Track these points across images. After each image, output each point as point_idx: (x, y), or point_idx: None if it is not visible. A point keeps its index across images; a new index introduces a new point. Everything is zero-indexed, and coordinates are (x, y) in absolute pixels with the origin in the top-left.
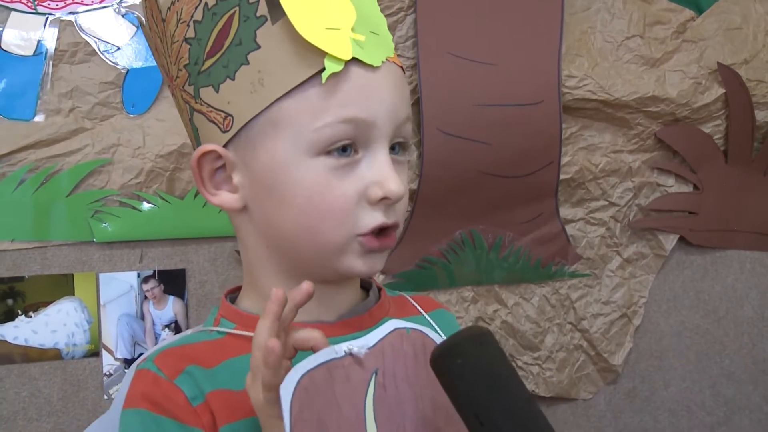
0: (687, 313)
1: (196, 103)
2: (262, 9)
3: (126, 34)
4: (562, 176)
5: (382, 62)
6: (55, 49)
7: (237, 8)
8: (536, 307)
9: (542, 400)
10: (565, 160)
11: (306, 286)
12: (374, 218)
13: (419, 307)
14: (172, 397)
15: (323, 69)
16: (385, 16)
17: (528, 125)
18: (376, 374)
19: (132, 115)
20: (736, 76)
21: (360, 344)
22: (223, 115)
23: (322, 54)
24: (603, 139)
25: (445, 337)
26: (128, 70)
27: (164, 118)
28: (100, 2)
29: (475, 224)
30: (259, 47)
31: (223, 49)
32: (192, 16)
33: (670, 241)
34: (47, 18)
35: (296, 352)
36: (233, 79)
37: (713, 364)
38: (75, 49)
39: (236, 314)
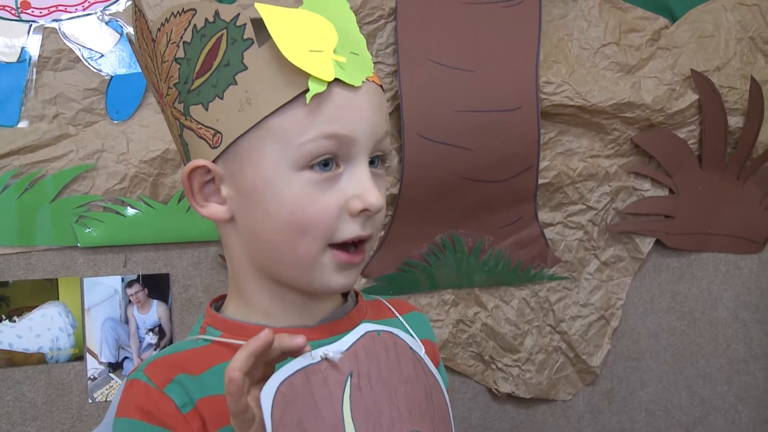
0: (663, 315)
1: (186, 120)
2: (249, 32)
3: (110, 41)
4: (540, 181)
5: (363, 82)
6: (39, 55)
7: (225, 31)
8: (516, 309)
9: (522, 402)
10: (543, 164)
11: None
12: (352, 230)
13: (394, 310)
14: (163, 406)
15: (307, 89)
16: (366, 23)
17: (507, 131)
18: (351, 376)
19: (116, 122)
20: (708, 83)
21: (335, 349)
22: (212, 132)
23: (306, 75)
24: (580, 144)
25: (417, 338)
26: (112, 76)
27: (148, 124)
28: (84, 10)
29: (455, 228)
30: (246, 68)
31: (211, 70)
32: (181, 37)
33: (646, 244)
34: (31, 25)
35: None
36: (222, 98)
37: (689, 364)
38: (59, 56)
39: (221, 322)
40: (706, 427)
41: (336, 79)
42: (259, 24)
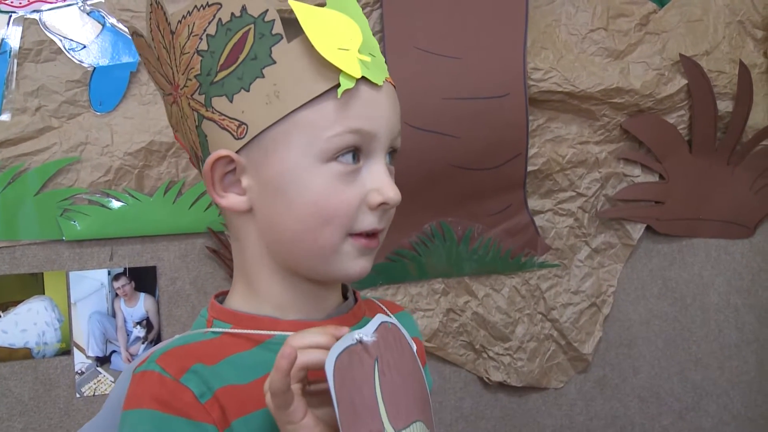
0: (655, 301)
1: (206, 111)
2: (278, 28)
3: (92, 32)
4: (529, 168)
5: (383, 82)
6: (20, 47)
7: (252, 25)
8: (506, 297)
9: (514, 390)
10: (532, 152)
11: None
12: (370, 222)
13: (386, 309)
14: (180, 396)
15: (337, 85)
16: None
17: (495, 118)
18: (378, 361)
19: (99, 113)
20: (697, 67)
21: (366, 333)
22: (236, 123)
23: (337, 71)
24: (569, 131)
25: (408, 335)
26: (95, 68)
27: (132, 115)
28: (65, 0)
29: (444, 217)
30: (274, 62)
31: (237, 63)
32: (205, 30)
33: (637, 231)
34: (11, 16)
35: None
36: (248, 91)
37: (681, 350)
38: (40, 47)
39: (230, 314)
40: (699, 412)
41: (362, 77)
42: (284, 20)
